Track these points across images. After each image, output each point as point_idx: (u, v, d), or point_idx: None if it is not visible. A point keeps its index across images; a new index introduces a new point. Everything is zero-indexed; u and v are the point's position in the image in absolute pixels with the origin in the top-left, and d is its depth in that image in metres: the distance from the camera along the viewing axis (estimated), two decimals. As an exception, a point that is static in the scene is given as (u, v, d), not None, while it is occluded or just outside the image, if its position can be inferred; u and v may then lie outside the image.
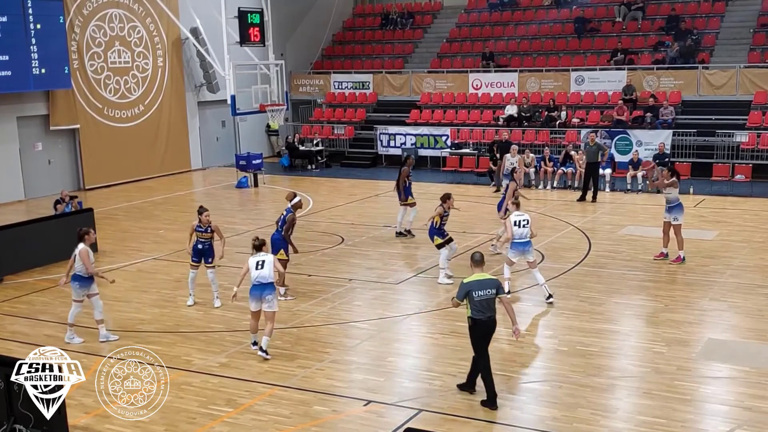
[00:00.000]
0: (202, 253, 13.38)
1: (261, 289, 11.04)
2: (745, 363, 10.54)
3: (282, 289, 13.40)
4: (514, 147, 22.26)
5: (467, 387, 9.66)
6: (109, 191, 25.47)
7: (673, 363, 10.53)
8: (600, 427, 8.86)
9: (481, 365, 9.42)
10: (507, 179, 20.28)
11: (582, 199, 21.87)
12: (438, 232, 14.54)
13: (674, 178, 15.27)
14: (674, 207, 15.25)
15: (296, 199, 13.88)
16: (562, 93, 28.01)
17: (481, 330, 9.35)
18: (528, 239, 13.26)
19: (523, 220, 13.28)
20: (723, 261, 15.41)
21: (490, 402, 9.30)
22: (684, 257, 15.34)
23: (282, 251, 13.40)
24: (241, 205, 23.05)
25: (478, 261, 9.58)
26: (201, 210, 13.38)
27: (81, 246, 11.95)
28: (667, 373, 10.22)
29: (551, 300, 13.04)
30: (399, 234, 17.87)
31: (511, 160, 20.87)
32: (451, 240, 14.66)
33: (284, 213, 13.69)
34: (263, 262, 11.10)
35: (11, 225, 16.91)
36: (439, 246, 14.55)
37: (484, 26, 32.66)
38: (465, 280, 9.39)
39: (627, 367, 10.57)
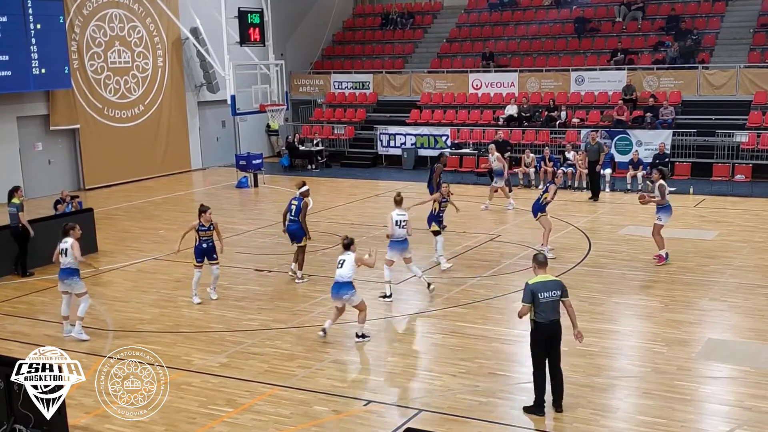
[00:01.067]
0: (206, 252, 13.42)
1: (337, 288, 11.37)
2: (745, 363, 10.54)
3: (299, 273, 14.57)
4: (492, 146, 22.40)
5: (536, 409, 9.18)
6: (109, 191, 25.46)
7: (673, 363, 10.53)
8: (600, 427, 8.87)
9: (535, 373, 9.17)
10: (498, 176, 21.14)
11: (594, 198, 21.99)
12: (435, 218, 15.30)
13: (662, 181, 15.40)
14: (662, 207, 15.39)
15: (305, 188, 14.82)
16: (562, 93, 28.01)
17: (544, 334, 9.06)
18: (405, 238, 13.37)
19: (402, 220, 13.25)
20: (723, 261, 15.42)
21: (536, 407, 9.12)
22: (667, 256, 15.41)
23: (303, 238, 14.49)
24: (241, 205, 23.04)
25: (542, 262, 9.32)
26: (204, 208, 13.40)
27: (71, 240, 12.00)
28: (667, 373, 10.23)
29: (432, 287, 13.57)
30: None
31: (491, 158, 21.17)
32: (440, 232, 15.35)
33: (296, 202, 14.46)
34: (343, 261, 11.40)
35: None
36: (435, 233, 15.21)
37: (484, 26, 32.66)
38: (530, 282, 9.10)
39: (627, 367, 10.57)
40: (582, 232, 18.02)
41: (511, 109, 27.77)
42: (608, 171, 23.32)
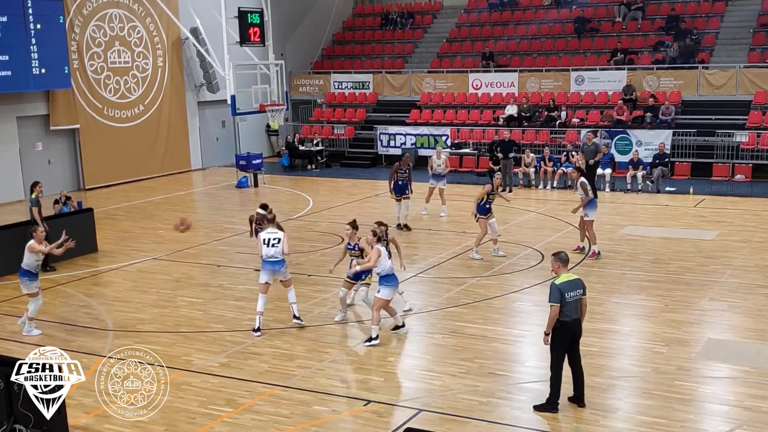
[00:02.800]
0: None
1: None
2: (745, 363, 10.54)
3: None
4: (439, 148, 22.36)
5: (549, 407, 9.20)
6: (109, 191, 25.46)
7: (673, 363, 10.53)
8: (600, 427, 8.87)
9: (554, 372, 9.18)
10: (436, 180, 20.02)
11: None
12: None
13: (582, 179, 15.92)
14: (588, 203, 15.70)
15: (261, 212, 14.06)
16: (562, 93, 28.01)
17: (568, 332, 9.06)
18: (281, 258, 11.87)
19: (274, 239, 11.83)
20: (723, 261, 15.42)
21: (550, 405, 9.15)
22: (599, 252, 15.73)
23: None
24: (241, 205, 23.03)
25: (565, 260, 9.28)
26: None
27: (30, 242, 12.28)
28: (667, 373, 10.23)
29: (299, 322, 12.16)
30: (399, 227, 18.35)
31: (437, 161, 20.13)
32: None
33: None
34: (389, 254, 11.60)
35: (11, 225, 16.89)
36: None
37: (484, 26, 32.67)
38: (557, 282, 9.04)
39: (627, 367, 10.57)
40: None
41: (511, 109, 27.76)
42: (608, 171, 23.31)
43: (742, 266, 15.05)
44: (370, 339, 11.43)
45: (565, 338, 9.09)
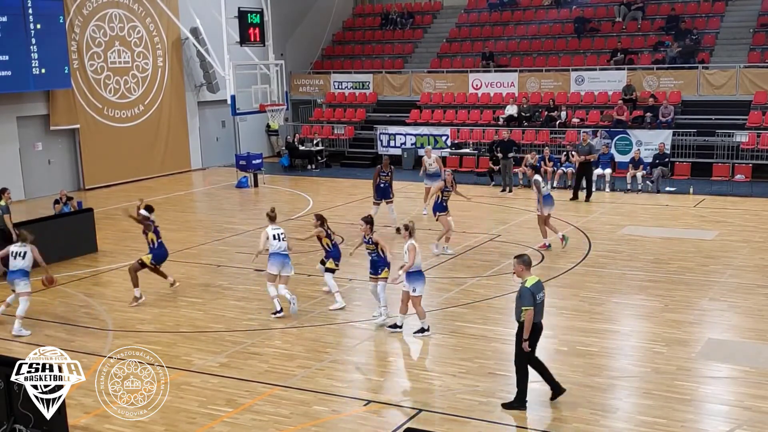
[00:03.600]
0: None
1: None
2: (745, 363, 10.55)
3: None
4: (428, 147, 22.53)
5: (518, 403, 9.29)
6: (109, 191, 25.46)
7: (673, 363, 10.53)
8: (600, 427, 8.87)
9: (523, 372, 9.28)
10: (431, 180, 19.84)
11: (574, 198, 21.86)
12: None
13: (537, 177, 16.68)
14: (543, 199, 16.37)
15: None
16: (562, 93, 28.01)
17: (537, 334, 9.18)
18: (287, 252, 12.74)
19: (281, 233, 12.69)
20: (723, 261, 15.42)
21: (519, 403, 9.23)
22: (549, 245, 16.33)
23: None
24: (241, 205, 23.04)
25: (528, 263, 9.37)
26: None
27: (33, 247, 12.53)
28: (667, 373, 10.23)
29: (287, 311, 12.67)
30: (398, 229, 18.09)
31: (428, 161, 20.23)
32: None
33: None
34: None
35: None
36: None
37: (484, 26, 32.67)
38: (527, 285, 9.10)
39: (627, 367, 10.57)
40: (582, 232, 18.02)
41: (511, 109, 27.76)
42: (608, 171, 23.31)
43: (742, 266, 15.05)
44: (421, 330, 11.70)
45: (534, 340, 9.19)
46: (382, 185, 18.70)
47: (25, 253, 12.33)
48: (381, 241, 12.29)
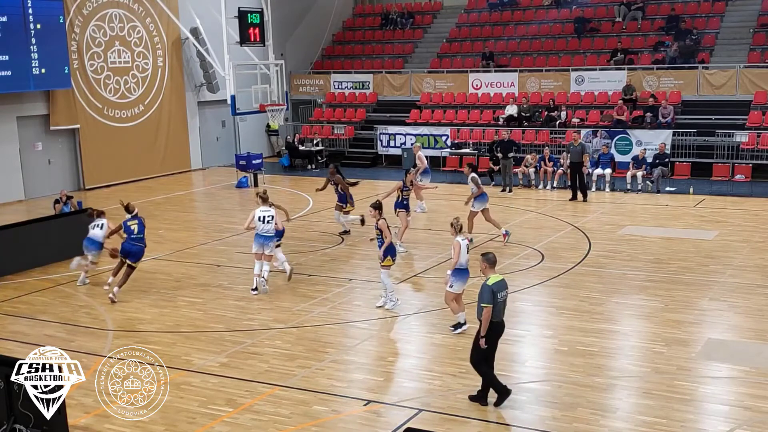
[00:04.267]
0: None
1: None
2: (745, 363, 10.55)
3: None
4: (417, 145, 23.21)
5: (479, 398, 9.41)
6: (109, 191, 25.45)
7: (673, 363, 10.53)
8: (600, 427, 8.86)
9: (489, 370, 9.32)
10: (422, 176, 20.88)
11: (573, 198, 21.83)
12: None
13: (474, 174, 17.21)
14: (478, 196, 16.90)
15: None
16: (562, 93, 28.01)
17: (497, 333, 9.25)
18: (272, 234, 13.90)
19: (268, 216, 13.82)
20: (723, 261, 15.41)
21: (502, 396, 9.29)
22: (471, 239, 16.18)
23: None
24: (241, 205, 23.03)
25: (493, 261, 9.44)
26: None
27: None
28: (667, 373, 10.23)
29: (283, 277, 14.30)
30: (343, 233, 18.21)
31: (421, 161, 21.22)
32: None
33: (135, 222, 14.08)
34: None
35: (11, 225, 16.90)
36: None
37: (484, 26, 32.67)
38: (488, 282, 9.17)
39: (627, 367, 10.57)
40: (582, 232, 18.02)
41: (511, 109, 27.76)
42: (608, 171, 23.31)
43: (742, 266, 15.05)
44: (458, 325, 11.72)
45: (494, 338, 9.24)
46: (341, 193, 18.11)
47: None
48: (384, 227, 12.61)
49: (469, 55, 31.22)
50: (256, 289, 13.89)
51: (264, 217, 13.76)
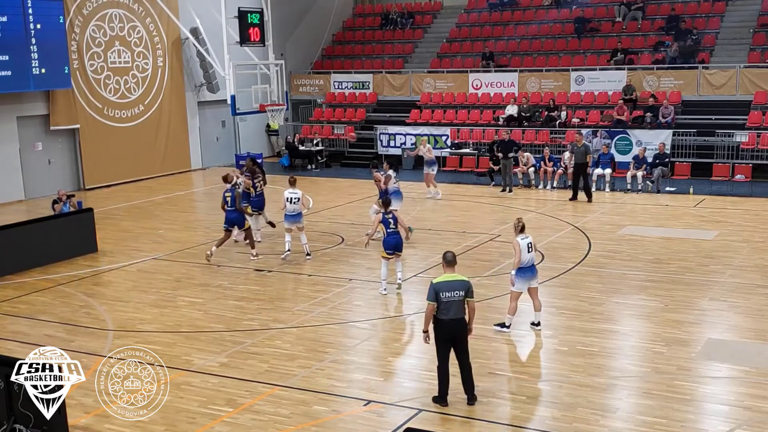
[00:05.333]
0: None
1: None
2: (745, 363, 10.55)
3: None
4: (423, 139, 23.91)
5: (439, 400, 9.42)
6: (109, 191, 25.47)
7: (673, 363, 10.53)
8: (600, 427, 8.87)
9: (438, 367, 9.36)
10: (428, 167, 22.36)
11: (573, 198, 21.83)
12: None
13: (390, 171, 17.63)
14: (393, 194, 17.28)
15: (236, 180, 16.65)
16: (562, 93, 28.01)
17: (446, 331, 9.21)
18: (299, 212, 15.87)
19: (295, 198, 15.74)
20: (723, 261, 15.41)
21: (439, 398, 9.35)
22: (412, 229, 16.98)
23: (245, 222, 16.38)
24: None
25: (450, 261, 9.44)
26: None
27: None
28: (667, 373, 10.23)
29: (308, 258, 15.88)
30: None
31: (422, 149, 22.63)
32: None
33: (229, 193, 16.06)
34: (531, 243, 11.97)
35: (11, 225, 16.90)
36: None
37: (484, 26, 32.66)
38: (434, 281, 9.27)
39: (627, 367, 10.57)
40: (582, 232, 18.02)
41: (511, 109, 27.76)
42: (608, 171, 23.30)
43: (742, 266, 15.05)
44: (502, 325, 11.76)
45: (442, 336, 9.26)
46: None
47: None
48: (375, 221, 14.22)
49: (469, 55, 31.21)
50: (289, 250, 15.95)
51: (291, 198, 15.69)
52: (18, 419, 7.74)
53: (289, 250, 15.98)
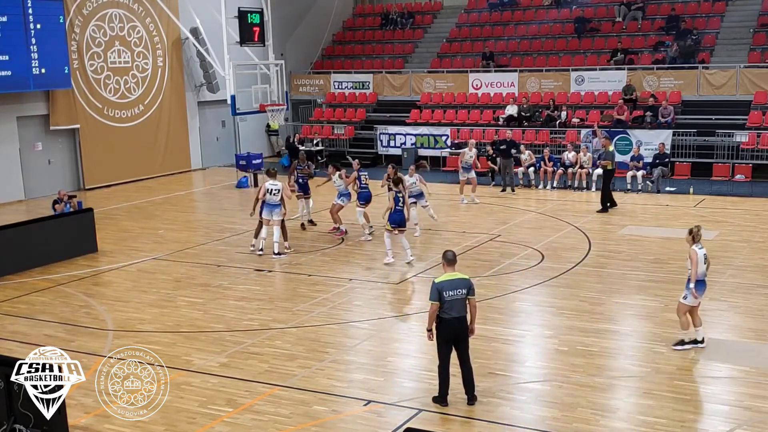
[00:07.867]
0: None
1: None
2: (745, 363, 10.55)
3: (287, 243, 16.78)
4: (472, 141, 23.15)
5: (439, 400, 9.43)
6: (109, 191, 25.46)
7: (673, 363, 10.53)
8: (600, 427, 8.86)
9: (439, 366, 9.36)
10: (466, 172, 22.05)
11: (609, 208, 20.25)
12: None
13: (341, 172, 18.36)
14: (344, 192, 18.15)
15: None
16: (562, 93, 28.01)
17: (449, 330, 9.22)
18: (278, 203, 16.23)
19: (275, 189, 16.21)
20: (723, 261, 15.40)
21: (439, 398, 9.36)
22: (346, 230, 18.10)
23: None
24: (241, 205, 23.00)
25: (450, 260, 9.43)
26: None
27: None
28: (667, 373, 10.23)
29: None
30: (303, 225, 19.14)
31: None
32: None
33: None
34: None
35: (11, 225, 16.90)
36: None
37: (484, 26, 32.67)
38: (436, 280, 9.26)
39: (627, 367, 10.57)
40: (582, 232, 18.02)
41: (511, 109, 27.77)
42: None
43: (742, 266, 15.05)
44: (681, 342, 11.04)
45: (445, 335, 9.26)
46: (300, 180, 19.04)
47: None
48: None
49: (469, 55, 31.21)
50: (261, 249, 16.35)
51: (271, 189, 16.18)
52: (18, 419, 7.74)
53: (261, 249, 16.43)
